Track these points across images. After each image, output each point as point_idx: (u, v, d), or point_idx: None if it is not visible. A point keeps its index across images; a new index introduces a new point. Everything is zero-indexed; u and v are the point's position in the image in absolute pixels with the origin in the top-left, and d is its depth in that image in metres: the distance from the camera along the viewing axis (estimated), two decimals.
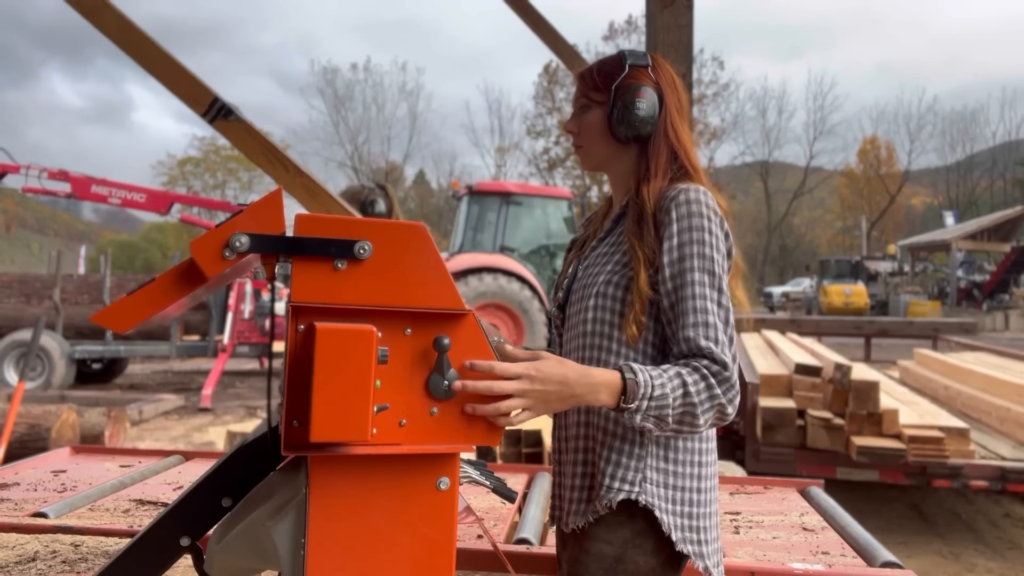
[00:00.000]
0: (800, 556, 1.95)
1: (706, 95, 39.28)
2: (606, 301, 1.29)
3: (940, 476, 4.34)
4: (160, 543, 1.11)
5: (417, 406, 1.03)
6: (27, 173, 9.40)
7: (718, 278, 1.23)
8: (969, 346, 9.53)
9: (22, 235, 48.53)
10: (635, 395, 1.14)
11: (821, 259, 31.81)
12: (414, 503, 1.04)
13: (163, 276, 1.00)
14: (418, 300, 1.02)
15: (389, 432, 1.02)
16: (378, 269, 1.00)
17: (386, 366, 1.00)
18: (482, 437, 1.07)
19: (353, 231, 1.00)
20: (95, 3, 2.75)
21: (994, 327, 22.69)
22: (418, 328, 1.04)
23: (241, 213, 0.99)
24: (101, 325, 1.00)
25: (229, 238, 0.97)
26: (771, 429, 4.64)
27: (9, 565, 1.80)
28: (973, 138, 49.81)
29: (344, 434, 0.93)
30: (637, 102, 1.29)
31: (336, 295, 0.99)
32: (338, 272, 0.99)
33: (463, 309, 1.04)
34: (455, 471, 1.06)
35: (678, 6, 3.26)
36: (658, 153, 1.31)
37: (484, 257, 10.28)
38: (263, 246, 0.98)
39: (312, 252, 0.98)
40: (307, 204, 2.87)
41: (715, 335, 1.20)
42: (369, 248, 0.99)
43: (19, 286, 10.22)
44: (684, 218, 1.23)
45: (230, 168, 38.48)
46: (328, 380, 0.92)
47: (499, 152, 44.80)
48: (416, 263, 1.02)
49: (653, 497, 1.24)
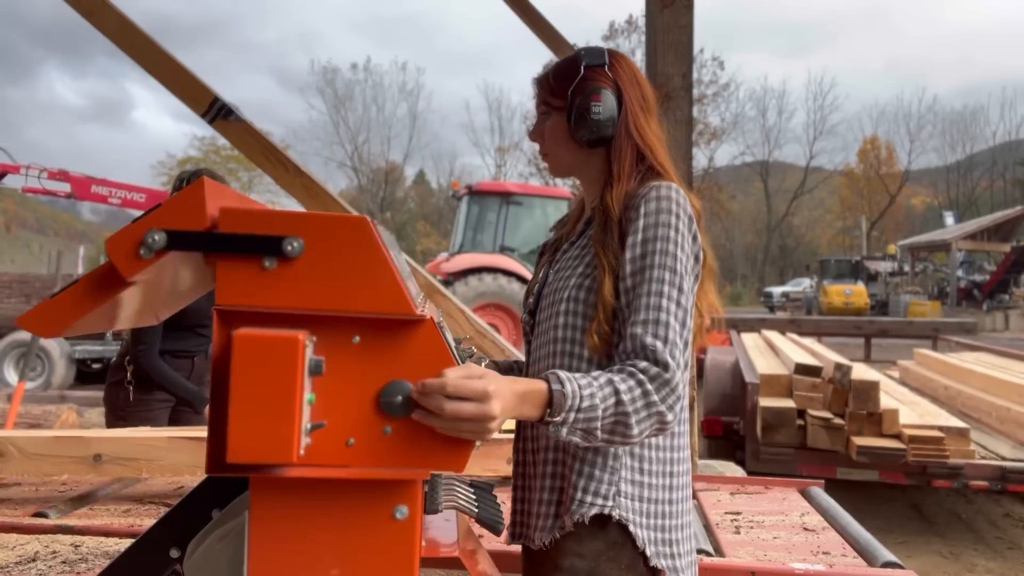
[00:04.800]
0: (801, 556, 1.95)
1: (706, 95, 39.26)
2: (577, 306, 1.23)
3: (940, 476, 4.34)
4: (150, 555, 1.07)
5: (368, 424, 0.92)
6: (27, 173, 9.39)
7: (680, 277, 1.16)
8: (969, 346, 9.52)
9: (22, 235, 48.53)
10: (562, 407, 1.04)
11: (821, 259, 31.79)
12: (367, 534, 0.93)
13: (85, 279, 0.91)
14: (362, 304, 0.90)
15: (334, 453, 0.90)
16: (312, 268, 0.89)
17: (327, 378, 0.90)
18: (446, 460, 0.94)
19: (282, 226, 0.89)
20: (95, 3, 2.75)
21: (994, 327, 22.68)
22: (368, 336, 0.92)
23: (159, 207, 0.89)
24: (26, 329, 0.92)
25: (144, 235, 0.87)
26: (771, 429, 4.63)
27: (9, 565, 1.80)
28: (973, 138, 49.90)
29: (265, 455, 0.83)
30: (593, 105, 1.23)
31: (266, 298, 0.89)
32: (267, 272, 0.89)
33: (412, 314, 0.92)
34: (415, 498, 0.94)
35: (678, 6, 3.26)
36: (622, 155, 1.25)
37: (484, 257, 10.29)
38: (181, 243, 0.88)
39: (235, 249, 0.88)
40: (307, 204, 2.87)
41: (664, 333, 1.13)
42: (300, 245, 0.88)
43: (19, 286, 10.23)
44: (652, 214, 1.18)
45: (230, 168, 38.42)
46: (247, 394, 0.82)
47: (499, 152, 44.84)
48: (357, 262, 0.90)
49: (627, 511, 1.18)
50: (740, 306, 38.39)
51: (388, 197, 46.35)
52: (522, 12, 3.73)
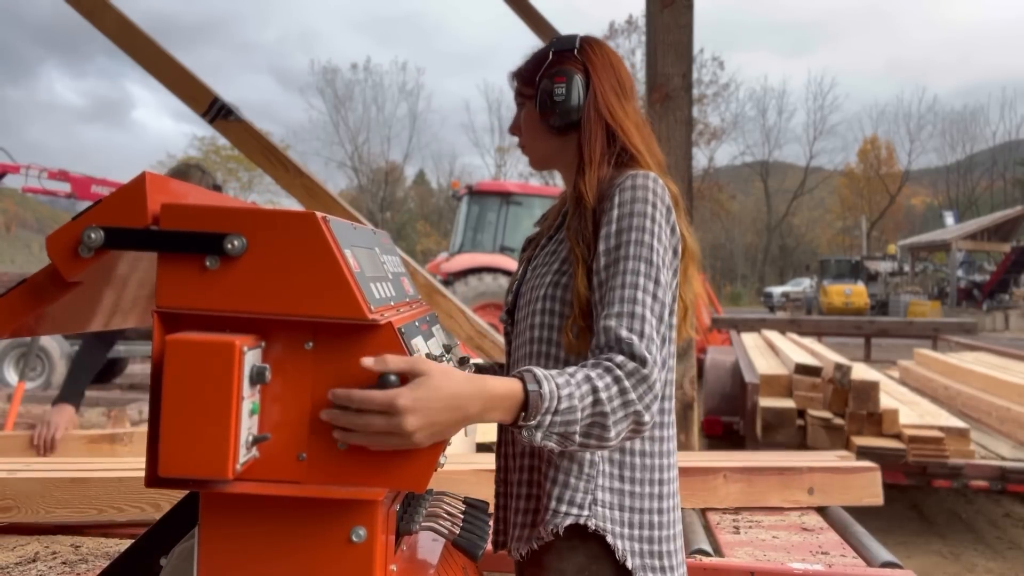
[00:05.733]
0: (800, 556, 1.95)
1: (706, 95, 39.27)
2: (554, 304, 1.17)
3: (940, 476, 4.34)
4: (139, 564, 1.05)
5: (321, 437, 0.85)
6: (27, 173, 9.39)
7: (656, 269, 1.09)
8: (969, 346, 9.52)
9: (22, 235, 48.50)
10: (538, 410, 0.94)
11: (821, 259, 31.83)
12: (321, 557, 0.87)
13: (30, 280, 0.87)
14: (314, 307, 0.84)
15: (284, 468, 0.84)
16: (257, 268, 0.83)
17: (278, 387, 0.85)
18: (405, 479, 0.87)
19: (225, 223, 0.83)
20: (95, 3, 2.75)
21: (994, 327, 22.68)
22: (322, 341, 0.86)
23: (100, 203, 0.85)
24: None
25: (82, 233, 0.83)
26: (771, 429, 4.63)
27: (9, 566, 1.80)
28: (973, 138, 49.89)
29: (199, 469, 0.78)
30: (556, 87, 1.19)
31: (208, 300, 0.83)
32: (208, 272, 0.83)
33: (364, 318, 0.84)
34: (374, 519, 0.88)
35: (678, 6, 3.26)
36: (591, 138, 1.19)
37: (484, 257, 10.29)
38: (119, 241, 0.83)
39: (174, 248, 0.83)
40: (307, 204, 2.87)
41: (640, 327, 1.04)
42: (242, 243, 0.83)
43: None
44: (627, 203, 1.11)
45: (230, 168, 38.42)
46: (179, 403, 0.78)
47: (499, 152, 44.83)
48: (305, 262, 0.84)
49: (605, 521, 1.11)
50: (740, 306, 38.39)
51: (388, 197, 46.36)
52: (522, 12, 3.73)
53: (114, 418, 6.25)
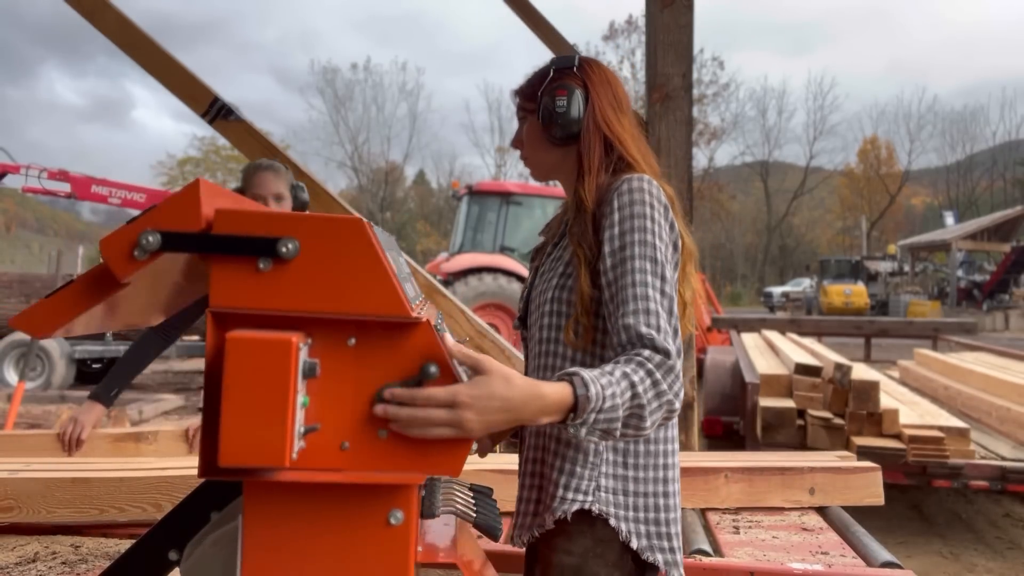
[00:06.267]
0: (800, 556, 1.95)
1: (706, 95, 39.29)
2: (560, 306, 1.25)
3: (940, 476, 4.34)
4: (148, 557, 1.07)
5: (363, 427, 0.91)
6: (27, 173, 9.40)
7: (660, 265, 1.17)
8: (969, 346, 9.52)
9: (22, 235, 48.52)
10: (585, 410, 1.03)
11: (821, 259, 31.81)
12: (361, 539, 0.93)
13: (79, 279, 0.91)
14: (358, 306, 0.89)
15: (328, 456, 0.90)
16: (308, 270, 0.89)
17: (322, 381, 0.90)
18: (440, 465, 0.93)
19: (277, 227, 0.89)
20: (95, 3, 2.75)
21: (994, 327, 22.69)
22: (364, 338, 0.91)
23: (155, 208, 0.89)
24: (19, 329, 0.91)
25: (138, 236, 0.87)
26: (771, 429, 4.64)
27: (9, 566, 1.80)
28: (973, 138, 49.90)
29: (257, 458, 0.83)
30: (558, 100, 1.28)
31: (261, 300, 0.88)
32: (262, 274, 0.88)
33: (408, 316, 0.90)
34: (410, 503, 0.94)
35: (678, 6, 3.26)
36: (590, 148, 1.28)
37: (484, 257, 10.28)
38: (175, 244, 0.87)
39: (230, 251, 0.88)
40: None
41: (656, 322, 1.12)
42: (295, 246, 0.88)
43: (19, 286, 10.21)
44: (626, 207, 1.19)
45: (230, 168, 38.43)
46: (239, 397, 0.82)
47: (499, 152, 44.89)
48: (353, 263, 0.89)
49: (608, 505, 1.19)
50: (740, 306, 38.40)
51: (388, 197, 46.38)
52: (522, 12, 3.73)
53: (114, 418, 6.26)
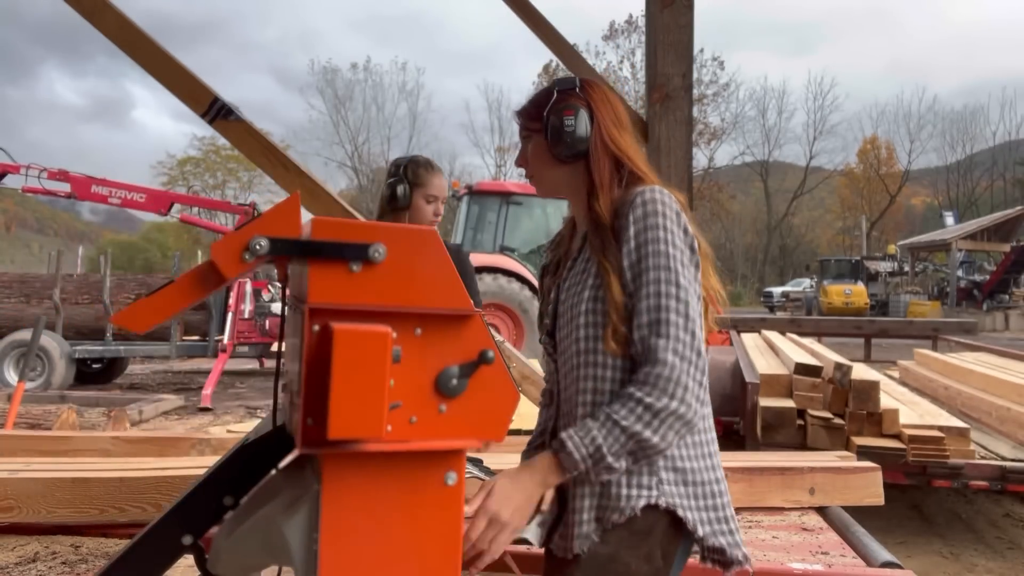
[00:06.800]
0: (800, 556, 1.95)
1: (706, 95, 39.30)
2: (596, 317, 1.29)
3: (940, 476, 4.34)
4: (162, 542, 1.12)
5: (427, 404, 1.07)
6: (27, 173, 9.39)
7: (676, 273, 1.23)
8: (969, 346, 9.51)
9: (22, 235, 48.54)
10: (575, 465, 1.18)
11: (821, 259, 31.82)
12: (422, 498, 1.07)
13: (182, 278, 1.04)
14: (428, 301, 1.05)
15: (400, 429, 1.05)
16: (391, 271, 1.03)
17: (399, 365, 1.03)
18: (489, 431, 1.11)
19: (367, 235, 1.03)
20: (95, 3, 2.75)
21: (994, 327, 22.70)
22: (427, 328, 1.07)
23: (260, 217, 1.02)
24: (121, 326, 1.03)
25: (249, 241, 1.00)
26: (771, 429, 4.63)
27: (9, 566, 1.80)
28: (973, 138, 49.91)
29: (360, 431, 0.97)
30: (565, 119, 1.33)
31: (351, 297, 1.02)
32: (353, 275, 1.02)
33: (470, 310, 1.07)
34: (461, 467, 1.09)
35: (678, 6, 3.26)
36: (600, 165, 1.34)
37: (484, 257, 10.28)
38: (281, 249, 1.01)
39: (328, 255, 1.01)
40: (308, 205, 2.87)
41: (666, 331, 1.20)
42: (383, 251, 1.02)
43: (19, 286, 10.21)
44: (640, 219, 1.25)
45: (230, 168, 38.49)
46: (345, 379, 0.96)
47: (499, 152, 44.91)
48: (427, 266, 1.05)
49: (672, 497, 1.24)
50: (740, 306, 38.38)
51: None
52: (522, 12, 3.73)
53: (114, 418, 6.25)
